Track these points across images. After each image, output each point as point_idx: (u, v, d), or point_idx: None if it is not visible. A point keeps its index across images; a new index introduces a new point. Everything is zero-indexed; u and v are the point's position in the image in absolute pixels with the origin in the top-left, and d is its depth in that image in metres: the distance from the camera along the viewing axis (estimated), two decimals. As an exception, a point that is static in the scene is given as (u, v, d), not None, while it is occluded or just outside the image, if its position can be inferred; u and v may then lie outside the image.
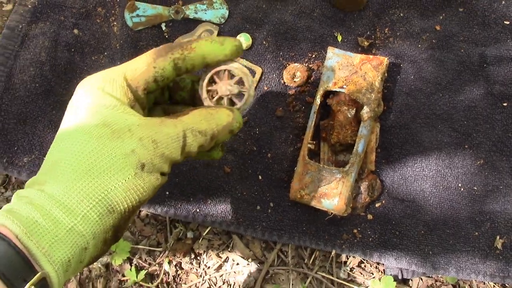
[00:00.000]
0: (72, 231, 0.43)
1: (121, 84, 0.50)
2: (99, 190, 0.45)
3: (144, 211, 0.80)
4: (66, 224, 0.43)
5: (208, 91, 0.56)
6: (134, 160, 0.46)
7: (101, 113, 0.48)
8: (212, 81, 0.56)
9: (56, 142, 0.48)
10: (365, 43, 0.77)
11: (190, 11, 0.81)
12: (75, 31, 0.82)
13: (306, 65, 0.78)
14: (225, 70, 0.56)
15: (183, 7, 0.81)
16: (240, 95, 0.57)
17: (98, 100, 0.49)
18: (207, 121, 0.52)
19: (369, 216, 0.74)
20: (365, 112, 0.71)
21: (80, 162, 0.45)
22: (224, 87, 0.56)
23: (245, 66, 0.79)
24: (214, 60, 0.54)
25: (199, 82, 0.57)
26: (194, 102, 0.60)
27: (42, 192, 0.44)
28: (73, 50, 0.81)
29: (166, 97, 0.61)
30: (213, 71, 0.56)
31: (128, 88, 0.51)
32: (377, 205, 0.74)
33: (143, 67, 0.51)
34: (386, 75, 0.74)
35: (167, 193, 0.77)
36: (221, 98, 0.57)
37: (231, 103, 0.57)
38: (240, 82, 0.57)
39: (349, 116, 0.73)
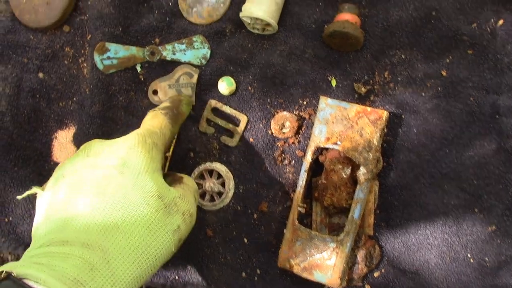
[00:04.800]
0: None
1: (161, 149, 0.54)
2: (148, 266, 0.47)
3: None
4: None
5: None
6: (178, 237, 0.50)
7: (155, 181, 0.50)
8: (200, 176, 0.70)
9: (110, 197, 0.48)
10: (362, 89, 0.69)
11: (168, 52, 0.72)
12: (40, 74, 0.74)
13: (297, 113, 0.70)
14: (213, 170, 0.70)
15: (159, 47, 0.72)
16: (219, 193, 0.69)
17: (150, 163, 0.51)
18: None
19: (367, 287, 0.66)
20: (362, 173, 0.63)
21: (138, 235, 0.47)
22: (209, 184, 0.69)
23: (229, 114, 0.71)
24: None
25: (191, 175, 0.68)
26: None
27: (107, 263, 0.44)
28: (38, 96, 0.73)
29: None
30: (203, 168, 0.69)
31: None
32: (375, 274, 0.67)
33: (168, 133, 0.58)
34: (385, 130, 0.65)
35: (143, 256, 0.70)
36: (204, 192, 0.69)
37: (212, 198, 0.70)
38: (223, 183, 0.69)
39: (343, 176, 0.65)
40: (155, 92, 0.73)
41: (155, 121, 0.58)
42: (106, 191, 0.48)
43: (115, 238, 0.45)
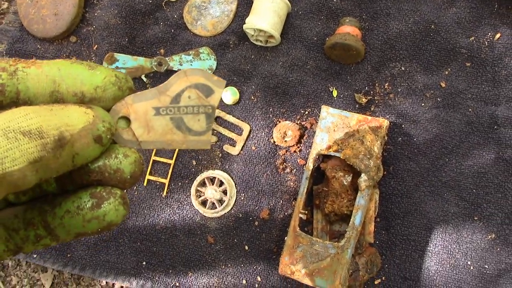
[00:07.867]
0: None
1: None
2: None
3: (118, 284, 0.72)
4: None
5: (196, 190, 0.70)
6: None
7: None
8: (203, 184, 0.71)
9: None
10: (363, 99, 0.70)
11: (175, 63, 0.74)
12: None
13: (298, 122, 0.71)
14: (215, 178, 0.71)
15: (166, 59, 0.74)
16: (221, 200, 0.70)
17: None
18: (41, 115, 0.24)
19: (368, 295, 0.67)
20: (363, 180, 0.64)
21: None
22: (211, 191, 0.70)
23: (232, 123, 0.72)
24: (75, 89, 0.26)
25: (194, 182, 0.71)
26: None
27: None
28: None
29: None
30: (205, 176, 0.70)
31: None
32: (376, 282, 0.67)
33: None
34: (386, 138, 0.67)
35: (144, 263, 0.70)
36: (206, 200, 0.71)
37: (213, 205, 0.71)
38: (225, 191, 0.71)
39: (344, 183, 0.66)
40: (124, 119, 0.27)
41: None
42: None
43: None
